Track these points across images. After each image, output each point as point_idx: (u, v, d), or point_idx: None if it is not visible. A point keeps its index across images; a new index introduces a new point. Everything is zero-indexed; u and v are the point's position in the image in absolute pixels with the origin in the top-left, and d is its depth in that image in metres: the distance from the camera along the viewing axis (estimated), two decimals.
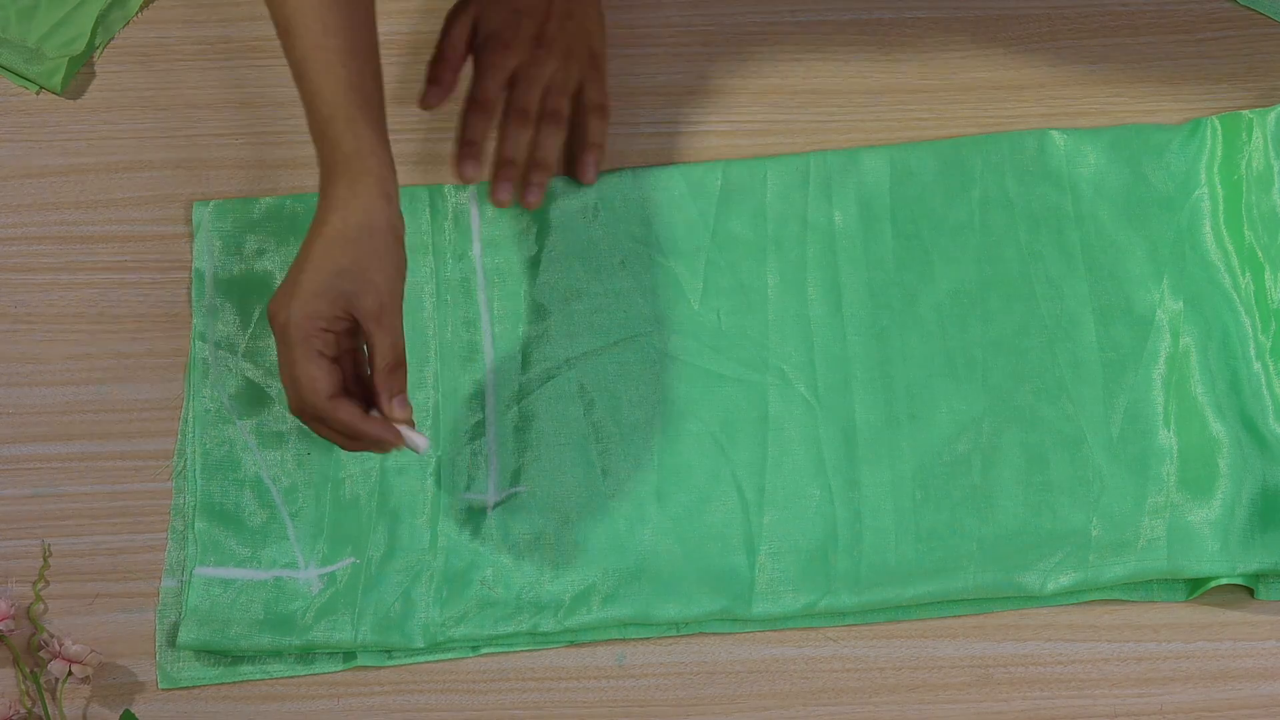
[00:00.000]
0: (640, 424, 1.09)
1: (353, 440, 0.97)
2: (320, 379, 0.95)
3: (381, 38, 1.10)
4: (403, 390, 0.97)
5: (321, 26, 0.99)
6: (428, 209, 1.14)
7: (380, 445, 0.97)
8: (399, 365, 0.96)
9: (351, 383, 0.98)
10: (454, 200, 1.15)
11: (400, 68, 1.18)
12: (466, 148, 1.14)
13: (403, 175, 1.15)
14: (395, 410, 0.96)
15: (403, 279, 0.98)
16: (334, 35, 0.99)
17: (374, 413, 0.97)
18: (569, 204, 1.14)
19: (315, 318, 0.95)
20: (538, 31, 1.13)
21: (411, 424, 0.97)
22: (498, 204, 1.13)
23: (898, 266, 1.13)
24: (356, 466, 1.07)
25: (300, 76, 1.00)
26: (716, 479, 1.08)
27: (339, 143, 0.98)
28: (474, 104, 1.14)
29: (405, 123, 1.17)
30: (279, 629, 1.03)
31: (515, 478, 1.08)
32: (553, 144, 1.13)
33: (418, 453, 0.97)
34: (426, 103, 1.14)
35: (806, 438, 1.08)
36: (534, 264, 1.13)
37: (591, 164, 1.14)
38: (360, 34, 1.01)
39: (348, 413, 0.95)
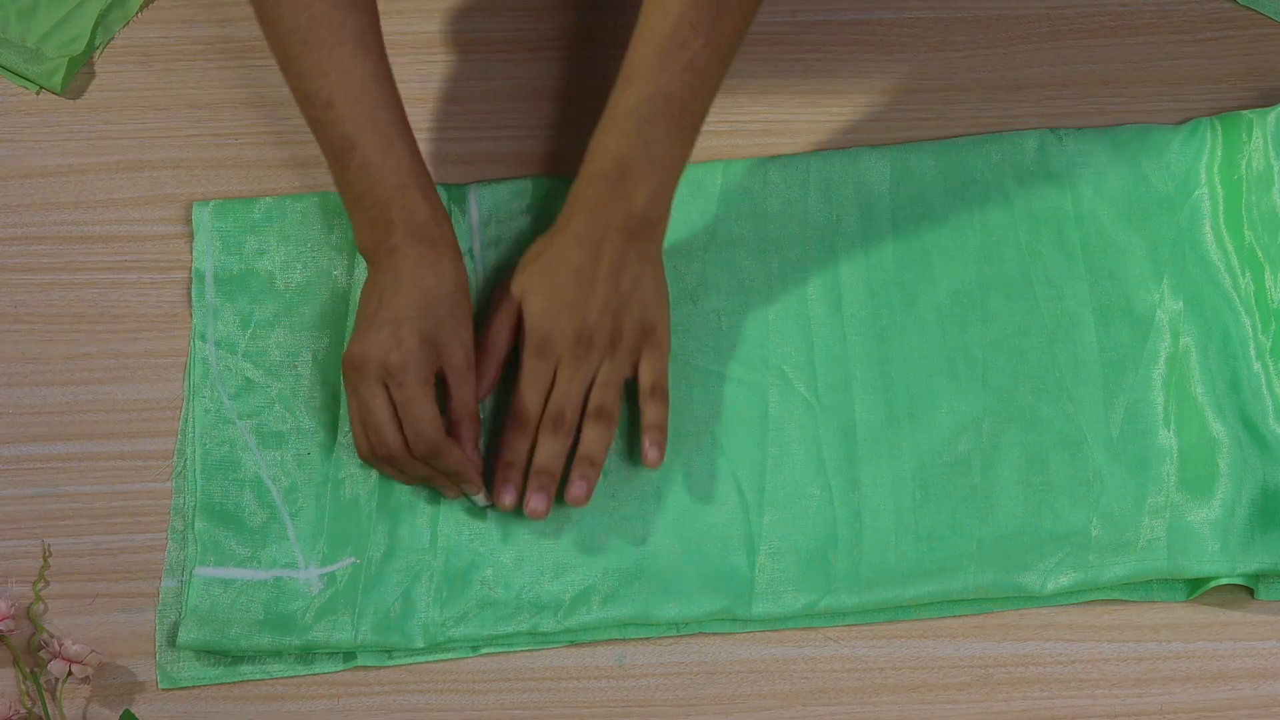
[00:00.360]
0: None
1: (448, 477, 1.04)
2: (438, 417, 1.02)
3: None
4: (478, 438, 1.05)
5: (373, 99, 1.03)
6: None
7: (468, 485, 1.04)
8: (476, 416, 1.04)
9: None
10: (455, 198, 1.14)
11: (398, 68, 1.18)
12: (506, 470, 1.04)
13: None
14: (473, 455, 1.04)
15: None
16: (385, 108, 1.04)
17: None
18: None
19: (431, 362, 1.02)
20: (579, 326, 1.03)
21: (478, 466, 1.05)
22: (531, 513, 1.03)
23: (898, 266, 1.13)
24: (357, 467, 1.07)
25: (351, 148, 1.03)
26: (716, 479, 1.08)
27: (415, 210, 1.03)
28: (512, 418, 1.05)
29: None
30: (279, 629, 1.02)
31: None
32: (598, 440, 1.04)
33: (479, 502, 1.05)
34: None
35: (806, 438, 1.08)
36: None
37: (651, 446, 1.05)
38: (400, 105, 1.05)
39: (459, 450, 1.02)
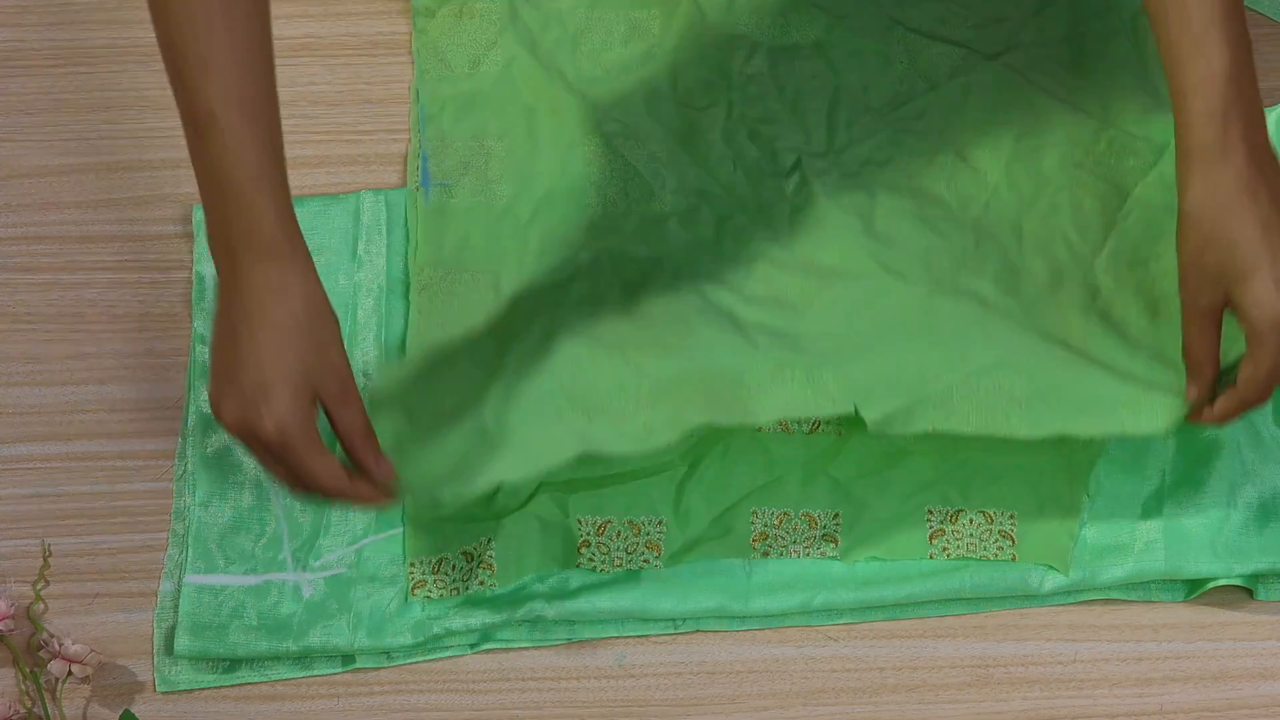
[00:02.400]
0: None
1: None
2: (337, 466, 0.92)
3: (376, 38, 1.10)
4: (377, 449, 0.94)
5: (243, 71, 0.88)
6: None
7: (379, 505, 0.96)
8: (370, 430, 0.94)
9: None
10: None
11: (399, 67, 1.18)
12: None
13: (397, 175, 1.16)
14: (382, 469, 0.94)
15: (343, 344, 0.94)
16: (255, 83, 0.88)
17: None
18: None
19: (308, 419, 0.91)
20: None
21: (393, 476, 0.95)
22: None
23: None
24: None
25: (210, 129, 0.88)
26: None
27: (260, 219, 0.89)
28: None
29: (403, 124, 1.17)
30: (275, 634, 1.02)
31: None
32: None
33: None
34: None
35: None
36: None
37: None
38: (273, 86, 0.90)
39: (367, 490, 0.93)
